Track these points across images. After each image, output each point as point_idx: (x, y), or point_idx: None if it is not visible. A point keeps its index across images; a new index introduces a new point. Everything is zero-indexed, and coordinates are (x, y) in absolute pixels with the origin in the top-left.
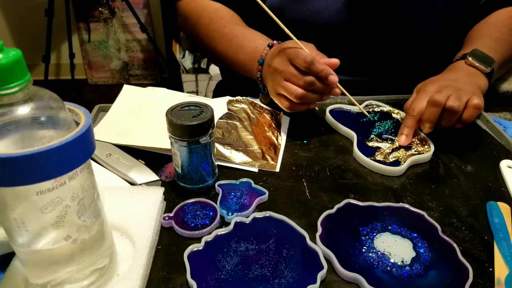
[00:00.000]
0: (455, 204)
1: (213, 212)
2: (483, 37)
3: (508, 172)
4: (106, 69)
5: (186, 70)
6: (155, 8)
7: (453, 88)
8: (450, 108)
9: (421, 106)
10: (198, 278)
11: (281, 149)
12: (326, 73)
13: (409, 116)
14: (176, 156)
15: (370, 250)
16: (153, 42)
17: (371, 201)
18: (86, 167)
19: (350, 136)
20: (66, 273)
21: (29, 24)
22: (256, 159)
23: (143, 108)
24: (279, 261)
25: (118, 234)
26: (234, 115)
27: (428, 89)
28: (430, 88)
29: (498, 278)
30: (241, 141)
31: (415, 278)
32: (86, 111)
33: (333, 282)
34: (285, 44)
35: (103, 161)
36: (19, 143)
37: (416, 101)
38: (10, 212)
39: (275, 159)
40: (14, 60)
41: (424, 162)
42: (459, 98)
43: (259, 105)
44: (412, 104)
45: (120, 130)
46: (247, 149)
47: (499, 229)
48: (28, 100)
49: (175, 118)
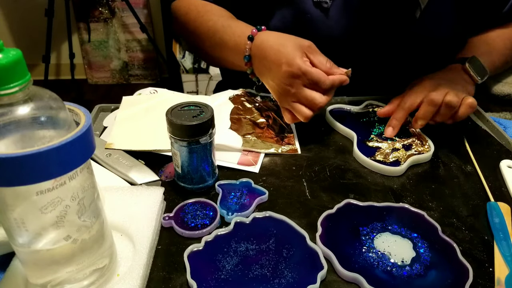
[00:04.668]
0: (455, 204)
1: (213, 212)
2: (487, 45)
3: (508, 172)
4: (106, 69)
5: (186, 70)
6: (155, 8)
7: (449, 86)
8: (448, 103)
9: (415, 100)
10: (198, 278)
11: (294, 132)
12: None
13: (400, 108)
14: (176, 156)
15: (370, 250)
16: (153, 42)
17: (371, 201)
18: (86, 167)
19: (350, 136)
20: (66, 273)
21: (29, 24)
22: (278, 144)
23: (147, 113)
24: (279, 261)
25: (118, 234)
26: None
27: (424, 84)
28: (427, 83)
29: (498, 278)
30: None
31: (415, 278)
32: (86, 111)
33: (333, 282)
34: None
35: (103, 161)
36: (19, 143)
37: (410, 95)
38: (10, 212)
39: (293, 143)
40: (14, 60)
41: (424, 162)
42: (457, 95)
43: (260, 95)
44: (406, 96)
45: (129, 136)
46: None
47: (499, 229)
48: (28, 100)
49: (175, 118)
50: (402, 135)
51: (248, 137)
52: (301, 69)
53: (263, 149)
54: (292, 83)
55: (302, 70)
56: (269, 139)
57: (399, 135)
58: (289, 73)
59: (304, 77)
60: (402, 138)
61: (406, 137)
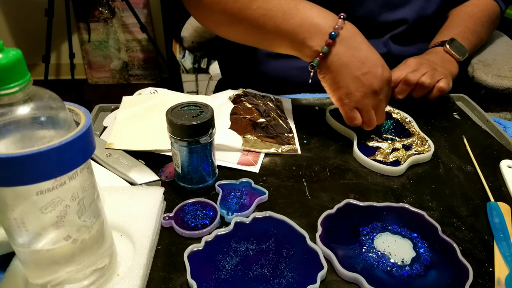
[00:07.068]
0: (455, 204)
1: (213, 212)
2: (460, 27)
3: (508, 172)
4: (106, 69)
5: (186, 70)
6: (155, 8)
7: (430, 67)
8: (421, 83)
9: (398, 75)
10: (198, 278)
11: (294, 132)
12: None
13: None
14: (176, 156)
15: (370, 250)
16: (153, 42)
17: (371, 201)
18: (86, 167)
19: (350, 136)
20: (66, 273)
21: (29, 24)
22: (278, 144)
23: (147, 113)
24: (279, 261)
25: (118, 234)
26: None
27: (409, 62)
28: (411, 62)
29: (498, 278)
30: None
31: (415, 278)
32: (86, 111)
33: (333, 282)
34: (387, 68)
35: (103, 161)
36: (19, 143)
37: (395, 70)
38: (10, 212)
39: (293, 143)
40: (14, 60)
41: (424, 162)
42: (432, 77)
43: (259, 95)
44: (392, 71)
45: (129, 136)
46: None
47: (499, 229)
48: (28, 100)
49: (175, 118)
50: (402, 135)
51: (248, 137)
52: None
53: (263, 149)
54: (382, 89)
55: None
56: (269, 139)
57: (399, 135)
58: (387, 78)
59: (390, 88)
60: (402, 138)
61: (406, 137)
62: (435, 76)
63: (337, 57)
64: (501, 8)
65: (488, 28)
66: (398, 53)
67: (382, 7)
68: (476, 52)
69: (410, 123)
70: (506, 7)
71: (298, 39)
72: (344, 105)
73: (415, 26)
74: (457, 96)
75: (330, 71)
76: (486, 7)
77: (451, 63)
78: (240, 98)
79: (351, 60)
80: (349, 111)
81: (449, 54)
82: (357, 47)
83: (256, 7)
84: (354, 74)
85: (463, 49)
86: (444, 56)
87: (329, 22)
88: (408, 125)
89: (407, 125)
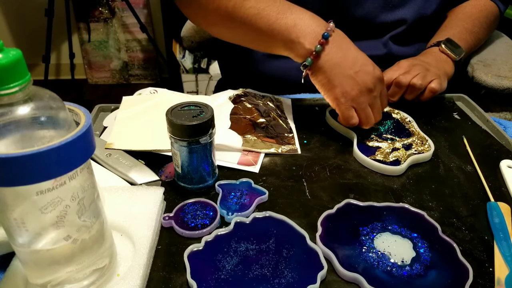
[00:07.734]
0: (455, 204)
1: (213, 212)
2: (457, 27)
3: (508, 172)
4: (106, 69)
5: (186, 70)
6: (155, 8)
7: (423, 68)
8: (413, 85)
9: (390, 76)
10: (198, 278)
11: (294, 132)
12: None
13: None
14: (176, 156)
15: (370, 250)
16: (153, 42)
17: (371, 201)
18: (86, 167)
19: (350, 136)
20: (66, 273)
21: (29, 24)
22: (278, 144)
23: (147, 113)
24: (279, 261)
25: (118, 234)
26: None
27: (401, 64)
28: (403, 63)
29: (498, 278)
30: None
31: (415, 278)
32: (86, 111)
33: (333, 282)
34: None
35: (103, 161)
36: (19, 143)
37: (387, 72)
38: (10, 212)
39: (293, 143)
40: (14, 60)
41: (424, 162)
42: (424, 78)
43: (259, 95)
44: (384, 72)
45: (129, 136)
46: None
47: (499, 229)
48: (28, 100)
49: (175, 118)
50: (402, 135)
51: (248, 137)
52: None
53: (263, 149)
54: (376, 86)
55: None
56: (269, 139)
57: (399, 135)
58: (379, 76)
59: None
60: (402, 138)
61: (406, 137)
62: (427, 77)
63: (329, 56)
64: (499, 8)
65: (486, 29)
66: (398, 54)
67: (381, 8)
68: (476, 52)
69: (410, 123)
70: (505, 7)
71: (291, 38)
72: (340, 104)
73: (414, 26)
74: (457, 96)
75: (323, 70)
76: (484, 8)
77: (446, 63)
78: (240, 98)
79: (343, 60)
80: (346, 110)
81: (445, 54)
82: (347, 48)
83: (250, 6)
84: (347, 72)
85: (459, 49)
86: (439, 56)
87: (321, 24)
88: (408, 125)
89: (407, 125)
